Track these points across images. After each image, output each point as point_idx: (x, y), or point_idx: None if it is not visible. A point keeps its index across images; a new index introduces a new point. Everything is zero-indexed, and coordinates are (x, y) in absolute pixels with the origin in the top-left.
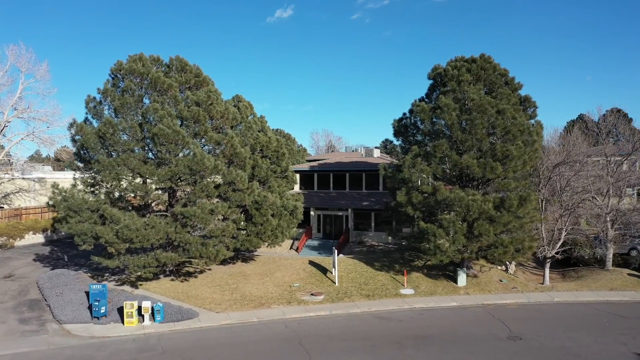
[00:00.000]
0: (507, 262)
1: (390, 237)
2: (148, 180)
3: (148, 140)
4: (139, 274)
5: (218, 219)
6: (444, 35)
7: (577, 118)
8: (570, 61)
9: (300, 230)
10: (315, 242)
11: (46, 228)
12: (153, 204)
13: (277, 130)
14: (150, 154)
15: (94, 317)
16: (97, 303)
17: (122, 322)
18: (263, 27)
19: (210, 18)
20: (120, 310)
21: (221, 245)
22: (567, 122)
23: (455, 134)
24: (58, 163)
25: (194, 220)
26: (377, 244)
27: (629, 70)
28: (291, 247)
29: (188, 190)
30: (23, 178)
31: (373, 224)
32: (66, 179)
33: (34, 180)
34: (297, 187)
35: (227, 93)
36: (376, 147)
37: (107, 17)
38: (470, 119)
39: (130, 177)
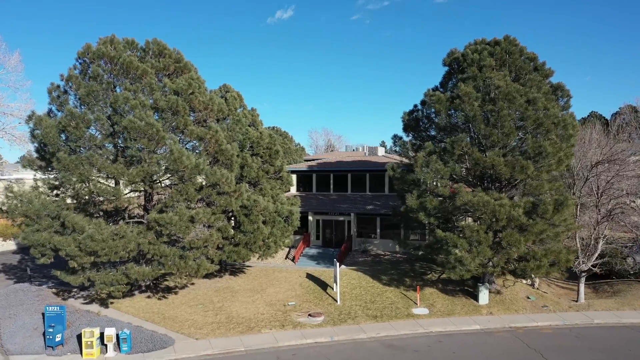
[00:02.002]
0: (532, 276)
1: (398, 246)
2: (122, 182)
3: (121, 136)
4: (107, 291)
5: (200, 227)
6: (444, 36)
7: (588, 115)
8: (572, 61)
9: (297, 238)
10: (313, 251)
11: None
12: (129, 210)
13: (273, 127)
14: (125, 151)
15: (48, 346)
16: (51, 330)
17: (81, 352)
18: (263, 28)
19: (210, 18)
20: (81, 338)
21: (203, 258)
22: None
23: (477, 127)
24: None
25: (170, 229)
26: (383, 253)
27: (628, 69)
28: (287, 257)
29: (166, 193)
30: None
31: (378, 231)
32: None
33: (10, 182)
34: (293, 189)
35: None
36: (380, 145)
37: (105, 16)
38: (495, 110)
39: (103, 179)
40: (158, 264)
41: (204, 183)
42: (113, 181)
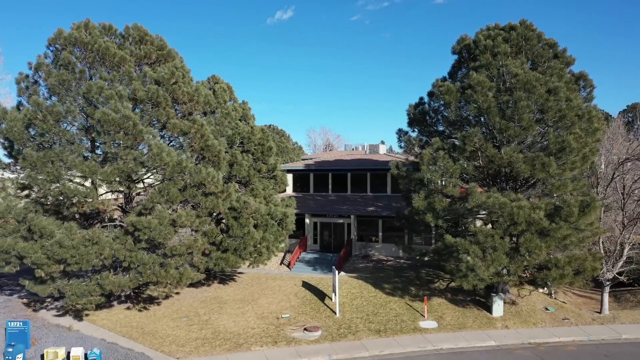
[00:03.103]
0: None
1: (402, 251)
2: (98, 182)
3: (94, 130)
4: (79, 304)
5: (184, 232)
6: (443, 37)
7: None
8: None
9: (293, 241)
10: (310, 256)
11: None
12: (108, 212)
13: (269, 125)
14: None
15: None
16: (10, 350)
17: None
18: (263, 29)
19: (210, 19)
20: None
21: (187, 267)
22: None
23: (492, 120)
24: None
25: (149, 233)
26: (385, 258)
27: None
28: (281, 262)
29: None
30: None
31: (380, 234)
32: None
33: None
34: (289, 190)
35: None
36: (382, 143)
37: (105, 16)
38: (512, 101)
39: (79, 178)
40: (136, 272)
41: (188, 182)
42: (90, 181)
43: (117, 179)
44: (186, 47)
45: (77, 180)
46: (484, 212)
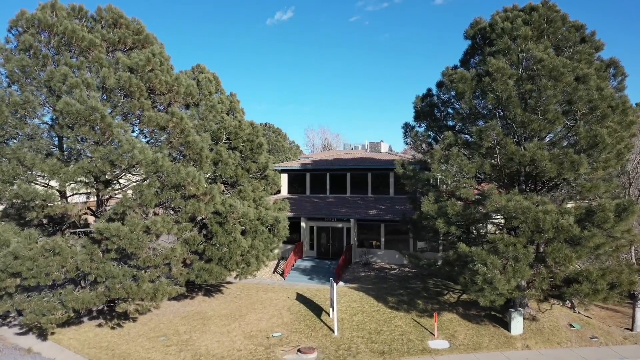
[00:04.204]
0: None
1: (407, 259)
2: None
3: (56, 123)
4: (42, 322)
5: (161, 240)
6: (443, 38)
7: None
8: None
9: (288, 247)
10: (307, 264)
11: None
12: (78, 217)
13: (266, 124)
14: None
15: None
16: None
17: None
18: (263, 29)
19: (210, 20)
20: None
21: (162, 280)
22: None
23: (512, 112)
24: None
25: (119, 242)
26: (388, 265)
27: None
28: (275, 270)
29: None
30: None
31: (383, 240)
32: None
33: None
34: (284, 191)
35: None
36: (383, 141)
37: None
38: (536, 90)
39: (39, 178)
40: (106, 287)
41: (165, 183)
42: (54, 181)
43: (84, 179)
44: (186, 47)
45: (43, 181)
46: (498, 217)
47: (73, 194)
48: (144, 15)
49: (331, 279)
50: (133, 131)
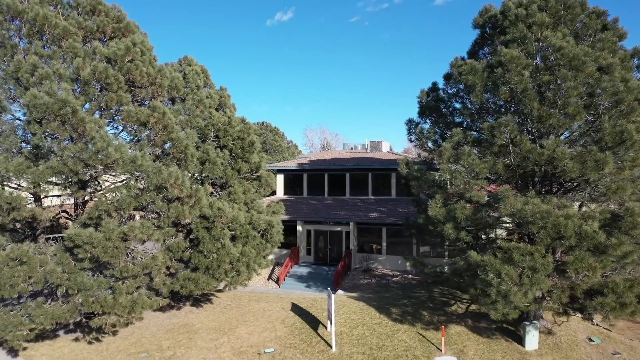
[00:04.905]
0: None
1: (411, 266)
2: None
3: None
4: (7, 338)
5: (153, 246)
6: (443, 38)
7: None
8: None
9: (284, 252)
10: (303, 270)
11: None
12: (42, 222)
13: (263, 123)
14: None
15: None
16: None
17: None
18: (263, 30)
19: (210, 20)
20: None
21: (142, 291)
22: None
23: (528, 106)
24: None
25: (92, 251)
26: (390, 272)
27: None
28: (269, 277)
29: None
30: None
31: (384, 244)
32: None
33: None
34: (280, 193)
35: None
36: (384, 140)
37: None
38: (554, 82)
39: (15, 179)
40: (79, 300)
41: (145, 185)
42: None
43: (54, 180)
44: (185, 49)
45: (16, 182)
46: (509, 222)
47: (45, 197)
48: (143, 14)
49: (329, 288)
50: (116, 128)
